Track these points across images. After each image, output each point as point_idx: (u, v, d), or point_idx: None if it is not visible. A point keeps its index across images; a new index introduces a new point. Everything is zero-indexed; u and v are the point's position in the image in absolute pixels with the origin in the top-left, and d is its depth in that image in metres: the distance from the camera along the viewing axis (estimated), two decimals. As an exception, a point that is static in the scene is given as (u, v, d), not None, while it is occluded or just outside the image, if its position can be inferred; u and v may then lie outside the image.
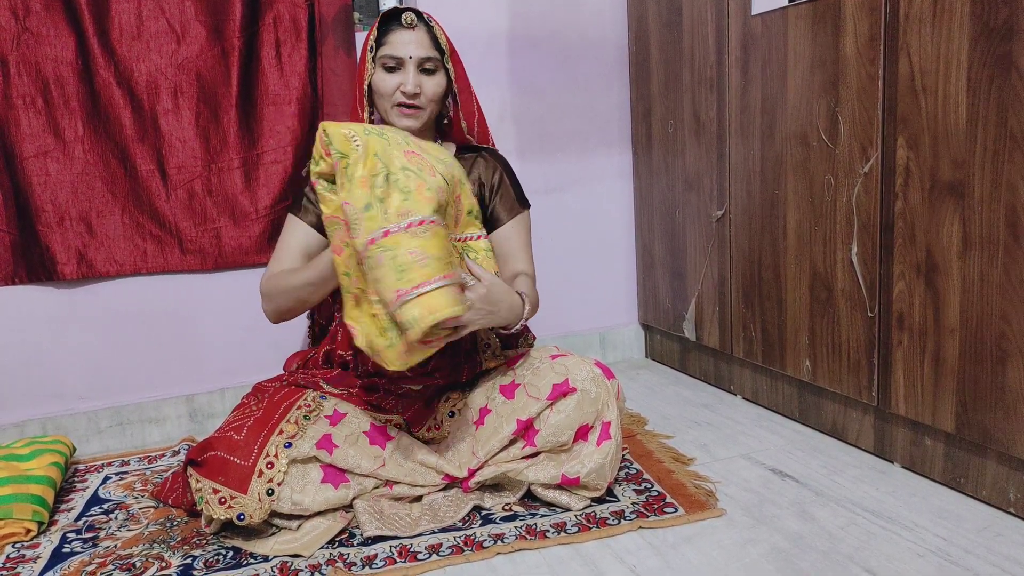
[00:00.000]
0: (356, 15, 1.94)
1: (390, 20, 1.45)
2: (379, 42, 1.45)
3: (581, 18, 2.16)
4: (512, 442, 1.38)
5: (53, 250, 1.77)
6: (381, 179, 1.17)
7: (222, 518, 1.26)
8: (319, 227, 1.47)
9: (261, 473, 1.27)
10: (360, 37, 1.93)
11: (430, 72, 1.45)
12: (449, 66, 1.47)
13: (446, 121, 1.57)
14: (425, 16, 1.46)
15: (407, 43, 1.42)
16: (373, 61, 1.45)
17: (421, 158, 1.22)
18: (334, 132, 1.18)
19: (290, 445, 1.30)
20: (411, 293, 1.12)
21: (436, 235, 1.17)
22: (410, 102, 1.44)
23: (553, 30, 2.14)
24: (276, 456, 1.28)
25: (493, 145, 1.60)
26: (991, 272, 1.24)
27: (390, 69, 1.44)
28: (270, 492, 1.26)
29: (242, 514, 1.25)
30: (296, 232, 1.49)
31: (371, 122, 1.50)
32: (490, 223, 1.55)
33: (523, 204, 1.58)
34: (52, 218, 1.76)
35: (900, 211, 1.39)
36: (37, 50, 1.72)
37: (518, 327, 1.42)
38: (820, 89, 1.53)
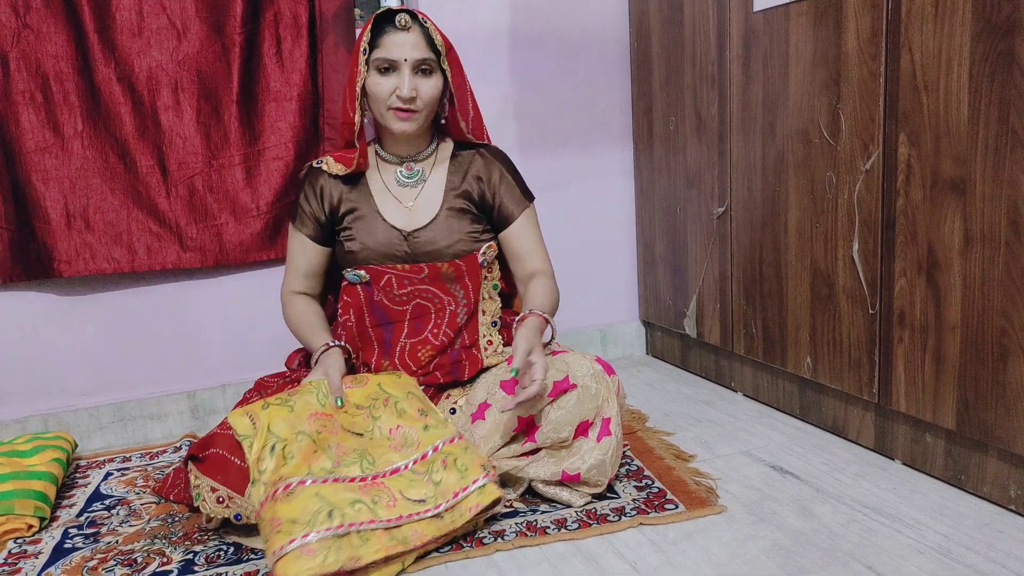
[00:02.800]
0: (357, 11, 1.94)
1: (384, 21, 1.42)
2: (372, 44, 1.42)
3: (582, 14, 2.16)
4: (513, 438, 1.38)
5: (51, 247, 1.77)
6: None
7: (219, 516, 1.26)
8: (316, 238, 1.52)
9: None
10: (361, 33, 1.93)
11: (426, 74, 1.42)
12: (445, 66, 1.44)
13: (443, 121, 1.57)
14: (420, 17, 1.42)
15: (402, 45, 1.40)
16: (366, 64, 1.43)
17: (330, 418, 1.32)
18: (235, 422, 1.29)
19: None
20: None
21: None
22: (406, 106, 1.42)
23: (554, 26, 2.14)
24: None
25: (488, 140, 1.59)
26: (992, 269, 1.24)
27: (384, 72, 1.41)
28: None
29: (239, 514, 1.25)
30: (297, 250, 1.54)
31: (363, 124, 1.48)
32: (499, 222, 1.55)
33: (528, 197, 1.57)
34: (50, 215, 1.76)
35: (901, 208, 1.39)
36: (37, 46, 1.71)
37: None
38: (822, 86, 1.53)
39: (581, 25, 2.16)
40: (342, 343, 1.47)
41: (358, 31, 1.92)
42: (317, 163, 1.52)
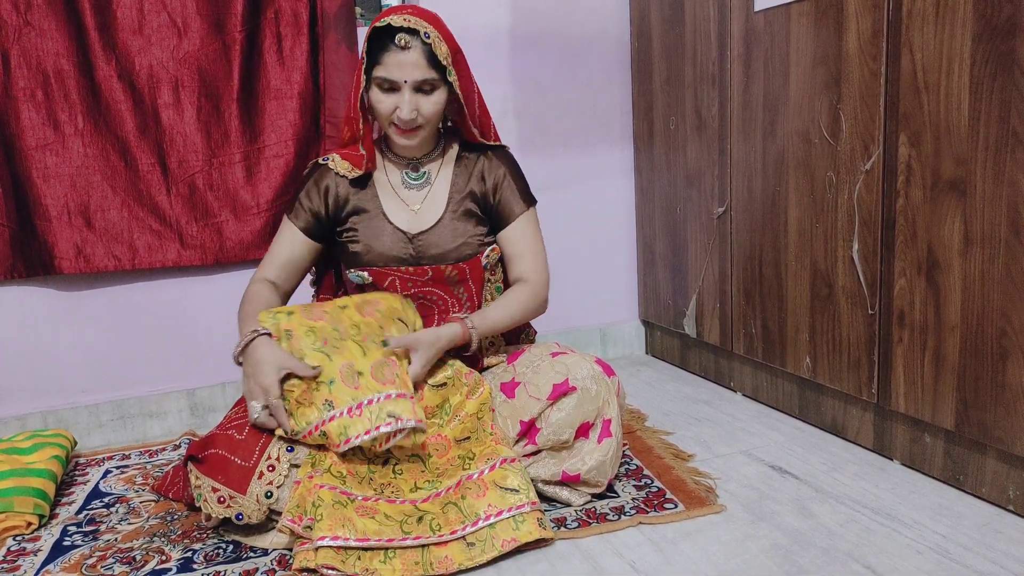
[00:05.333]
0: (358, 9, 1.94)
1: (384, 37, 1.34)
2: (372, 59, 1.37)
3: (583, 14, 2.16)
4: (514, 440, 1.38)
5: (52, 244, 1.77)
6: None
7: (220, 516, 1.26)
8: (308, 232, 1.49)
9: (262, 475, 1.26)
10: (362, 32, 1.93)
11: (427, 92, 1.37)
12: (451, 78, 1.38)
13: (449, 123, 1.54)
14: (421, 32, 1.33)
15: (402, 66, 1.34)
16: (366, 76, 1.38)
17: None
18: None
19: (292, 449, 1.30)
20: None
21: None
22: (407, 128, 1.39)
23: (555, 26, 2.14)
24: (277, 459, 1.28)
25: (496, 136, 1.55)
26: (992, 269, 1.24)
27: (386, 91, 1.37)
28: (268, 495, 1.26)
29: (240, 514, 1.25)
30: (283, 239, 1.50)
31: (368, 129, 1.46)
32: (497, 222, 1.52)
33: (528, 201, 1.54)
34: (51, 212, 1.76)
35: (901, 208, 1.39)
36: (38, 44, 1.71)
37: (476, 344, 1.43)
38: (822, 86, 1.53)
39: (582, 25, 2.16)
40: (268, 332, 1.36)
41: (359, 29, 1.92)
42: (323, 160, 1.50)
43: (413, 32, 1.34)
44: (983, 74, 1.22)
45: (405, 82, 1.35)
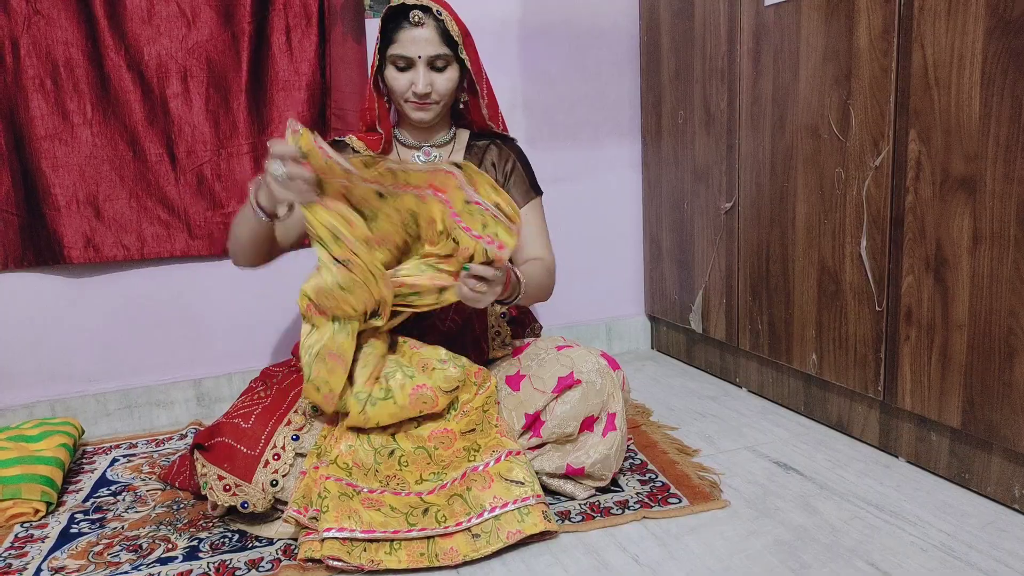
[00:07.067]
0: (367, 1, 1.93)
1: (398, 16, 1.41)
2: (388, 39, 1.42)
3: (592, 6, 2.15)
4: (519, 433, 1.38)
5: (60, 233, 1.77)
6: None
7: (226, 505, 1.26)
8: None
9: (267, 464, 1.27)
10: (370, 24, 1.93)
11: (441, 69, 1.43)
12: (463, 55, 1.44)
13: (461, 106, 1.57)
14: (434, 10, 1.41)
15: (416, 42, 1.40)
16: (382, 57, 1.44)
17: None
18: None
19: (297, 438, 1.31)
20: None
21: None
22: (422, 102, 1.44)
23: (564, 18, 2.13)
24: (283, 448, 1.29)
25: (504, 126, 1.59)
26: (1001, 268, 1.23)
27: (401, 68, 1.42)
28: (274, 483, 1.27)
29: (246, 502, 1.25)
30: None
31: (385, 111, 1.50)
32: None
33: (536, 191, 1.57)
34: (60, 201, 1.76)
35: (910, 205, 1.38)
36: (47, 32, 1.72)
37: (516, 300, 1.37)
38: (832, 81, 1.52)
39: (591, 17, 2.16)
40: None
41: (367, 21, 1.92)
42: (340, 138, 1.54)
43: (426, 9, 1.41)
44: (995, 70, 1.21)
45: (419, 57, 1.40)
